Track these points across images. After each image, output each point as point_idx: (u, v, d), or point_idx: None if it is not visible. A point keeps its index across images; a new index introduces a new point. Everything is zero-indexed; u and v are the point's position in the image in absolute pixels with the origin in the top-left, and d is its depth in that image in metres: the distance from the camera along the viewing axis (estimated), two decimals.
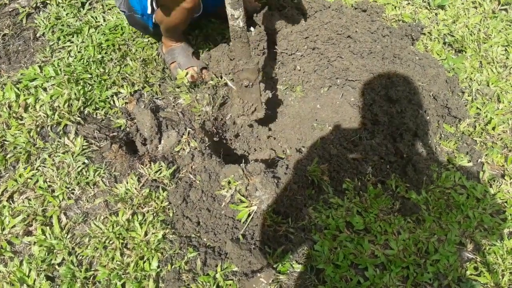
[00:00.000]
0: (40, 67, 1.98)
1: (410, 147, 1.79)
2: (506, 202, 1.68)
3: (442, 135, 1.91)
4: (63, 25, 2.21)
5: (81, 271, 1.42)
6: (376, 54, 2.00)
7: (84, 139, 1.73)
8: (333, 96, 2.00)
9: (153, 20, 1.84)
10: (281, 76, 2.07)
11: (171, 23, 1.77)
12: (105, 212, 1.56)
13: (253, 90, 1.68)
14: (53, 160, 1.67)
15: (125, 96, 1.95)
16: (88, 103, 1.87)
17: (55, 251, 1.47)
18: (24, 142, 1.69)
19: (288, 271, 1.46)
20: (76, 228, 1.54)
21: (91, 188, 1.62)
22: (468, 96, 2.05)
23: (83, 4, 2.35)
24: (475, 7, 2.53)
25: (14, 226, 1.52)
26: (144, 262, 1.45)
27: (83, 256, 1.47)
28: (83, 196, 1.60)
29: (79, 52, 2.09)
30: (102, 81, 1.96)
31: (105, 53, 2.09)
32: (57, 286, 1.41)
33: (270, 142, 2.00)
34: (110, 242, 1.49)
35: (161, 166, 1.67)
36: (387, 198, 1.66)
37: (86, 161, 1.67)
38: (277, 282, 1.43)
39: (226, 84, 2.01)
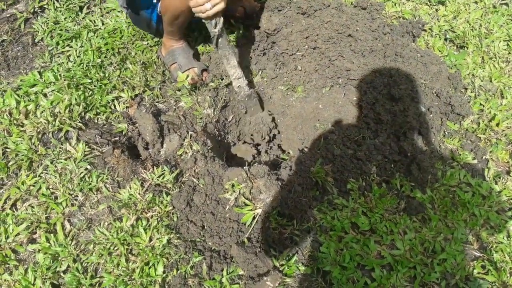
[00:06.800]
0: (39, 72, 1.97)
1: (414, 145, 1.78)
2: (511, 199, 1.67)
3: (446, 133, 1.90)
4: (61, 30, 2.20)
5: (86, 278, 1.41)
6: (378, 52, 1.99)
7: (86, 144, 1.72)
8: (335, 95, 1.99)
9: (158, 10, 1.83)
10: (282, 76, 2.06)
11: (176, 12, 1.74)
12: (109, 218, 1.55)
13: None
14: (56, 166, 1.66)
15: (126, 100, 1.94)
16: (89, 108, 1.86)
17: (59, 258, 1.46)
18: (25, 149, 1.68)
19: (295, 274, 1.45)
20: (80, 234, 1.54)
21: (94, 194, 1.61)
22: (471, 92, 2.04)
23: (81, 8, 2.34)
24: (476, 2, 2.51)
25: (18, 234, 1.51)
26: (149, 268, 1.44)
27: (88, 263, 1.46)
28: (87, 202, 1.60)
29: (78, 56, 2.08)
30: (103, 85, 1.94)
31: (105, 57, 2.08)
32: None
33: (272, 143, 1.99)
34: (115, 248, 1.48)
35: (164, 170, 1.66)
36: (392, 198, 1.65)
37: (88, 167, 1.66)
38: (284, 285, 1.42)
39: (227, 86, 2.00)
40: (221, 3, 1.56)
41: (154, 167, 1.68)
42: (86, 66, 2.02)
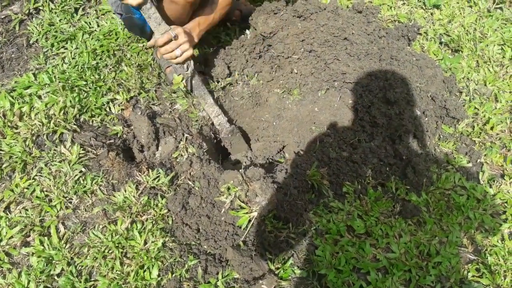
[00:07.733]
0: (34, 74, 1.96)
1: (409, 148, 1.79)
2: (506, 202, 1.68)
3: (441, 136, 1.91)
4: (56, 32, 2.19)
5: (80, 282, 1.40)
6: (373, 55, 1.99)
7: (81, 147, 1.71)
8: (331, 98, 1.99)
9: None
10: (278, 79, 2.06)
11: (171, 19, 1.75)
12: (103, 221, 1.54)
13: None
14: (50, 169, 1.65)
15: (121, 103, 1.93)
16: (84, 111, 1.85)
17: (53, 261, 1.45)
18: (19, 151, 1.67)
19: (290, 277, 1.45)
20: (75, 237, 1.52)
21: (88, 197, 1.60)
22: (466, 96, 2.05)
23: (76, 10, 2.33)
24: (470, 6, 2.53)
25: (12, 237, 1.50)
26: (144, 271, 1.43)
27: (82, 266, 1.45)
28: (81, 205, 1.59)
29: (73, 58, 2.07)
30: (98, 87, 1.93)
31: (100, 59, 2.07)
32: None
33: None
34: (110, 252, 1.47)
35: (159, 173, 1.65)
36: (387, 201, 1.65)
37: (83, 169, 1.65)
38: None
39: (222, 89, 1.99)
40: (189, 50, 1.67)
41: (149, 169, 1.67)
42: (81, 68, 2.00)
